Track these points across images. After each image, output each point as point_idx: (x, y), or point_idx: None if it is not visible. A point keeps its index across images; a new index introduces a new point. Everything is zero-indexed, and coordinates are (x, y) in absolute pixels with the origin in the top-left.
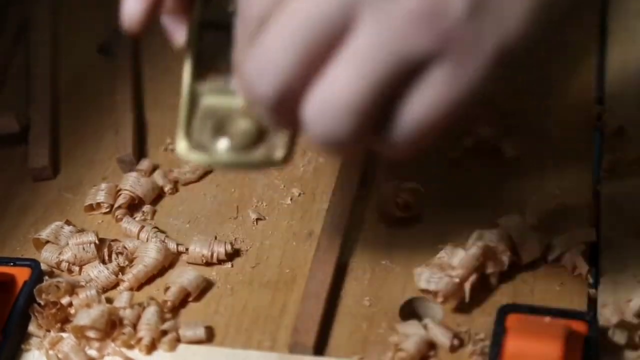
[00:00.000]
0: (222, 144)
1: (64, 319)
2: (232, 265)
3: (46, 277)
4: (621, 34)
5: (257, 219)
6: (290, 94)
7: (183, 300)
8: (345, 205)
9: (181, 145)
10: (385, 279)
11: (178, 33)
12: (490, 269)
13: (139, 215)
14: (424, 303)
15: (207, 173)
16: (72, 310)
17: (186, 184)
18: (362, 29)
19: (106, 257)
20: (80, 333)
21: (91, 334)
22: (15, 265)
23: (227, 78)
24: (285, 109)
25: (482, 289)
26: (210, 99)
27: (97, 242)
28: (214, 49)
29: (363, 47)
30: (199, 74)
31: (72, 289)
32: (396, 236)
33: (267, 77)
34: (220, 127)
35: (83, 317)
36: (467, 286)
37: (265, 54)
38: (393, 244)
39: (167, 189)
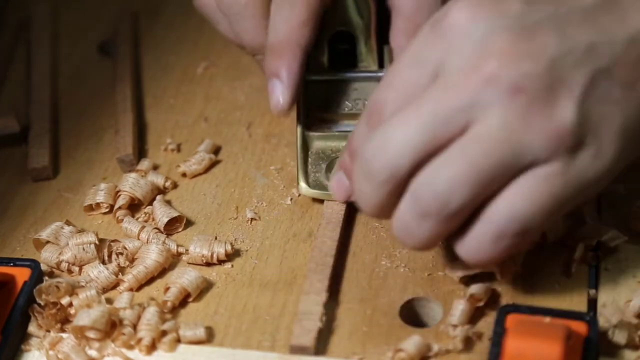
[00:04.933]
0: None
1: (64, 320)
2: (232, 266)
3: (46, 278)
4: None
5: (252, 219)
6: (401, 177)
7: (183, 301)
8: (342, 205)
9: (302, 186)
10: (385, 279)
11: (283, 98)
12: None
13: (140, 216)
14: (424, 303)
15: (213, 164)
16: (72, 311)
17: (194, 176)
18: (476, 127)
19: (106, 258)
20: (80, 333)
21: (91, 334)
22: (15, 265)
23: (331, 125)
24: (390, 189)
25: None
26: (319, 144)
27: (97, 242)
28: (317, 102)
29: (475, 141)
30: (307, 124)
31: (72, 290)
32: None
33: (384, 159)
34: (332, 166)
35: (83, 318)
36: (515, 258)
37: (387, 140)
38: (393, 244)
39: (167, 184)
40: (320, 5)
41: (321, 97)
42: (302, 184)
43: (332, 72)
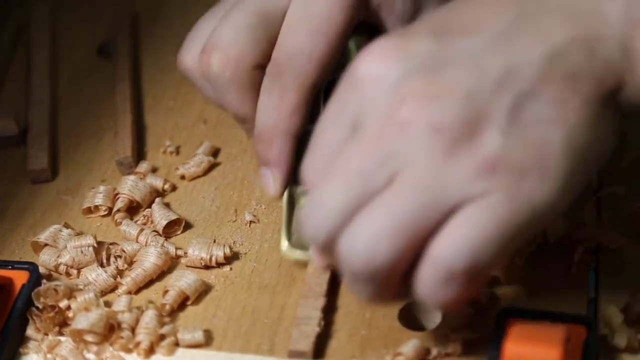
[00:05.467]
0: None
1: (62, 323)
2: (231, 269)
3: (44, 281)
4: None
5: (251, 222)
6: (334, 237)
7: (181, 304)
8: None
9: (284, 245)
10: None
11: (274, 187)
12: (524, 248)
13: (139, 219)
14: (423, 307)
15: (212, 167)
16: (70, 314)
17: (192, 178)
18: (398, 177)
19: (104, 260)
20: (78, 337)
21: (89, 337)
22: (13, 268)
23: None
24: (328, 247)
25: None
26: (305, 201)
27: (95, 245)
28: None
29: (401, 187)
30: (295, 179)
31: (71, 292)
32: None
33: (314, 225)
34: None
35: (81, 321)
36: (517, 259)
37: (315, 205)
38: None
39: (166, 186)
40: (314, 87)
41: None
42: (284, 243)
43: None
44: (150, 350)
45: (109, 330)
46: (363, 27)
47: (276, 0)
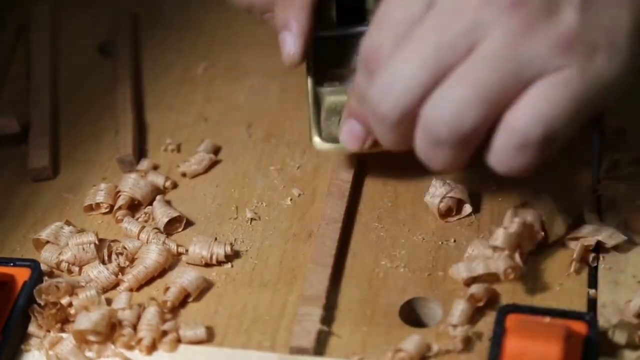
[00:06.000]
0: None
1: (63, 320)
2: (232, 266)
3: (46, 278)
4: None
5: (252, 219)
6: (412, 109)
7: (183, 301)
8: (342, 205)
9: (315, 140)
10: (385, 279)
11: (294, 47)
12: (524, 247)
13: (140, 216)
14: (424, 303)
15: (213, 165)
16: (72, 311)
17: (193, 176)
18: (479, 47)
19: (106, 258)
20: (81, 337)
21: (92, 337)
22: (15, 265)
23: (342, 80)
24: (405, 125)
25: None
26: (331, 99)
27: (96, 242)
28: (327, 58)
29: (483, 58)
30: (318, 80)
31: (72, 290)
32: (396, 238)
33: (392, 100)
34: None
35: (84, 321)
36: (518, 258)
37: (393, 80)
38: (393, 244)
39: (167, 184)
40: None
41: (331, 53)
42: (316, 138)
43: (341, 27)
44: (152, 347)
45: (111, 328)
46: None
47: None
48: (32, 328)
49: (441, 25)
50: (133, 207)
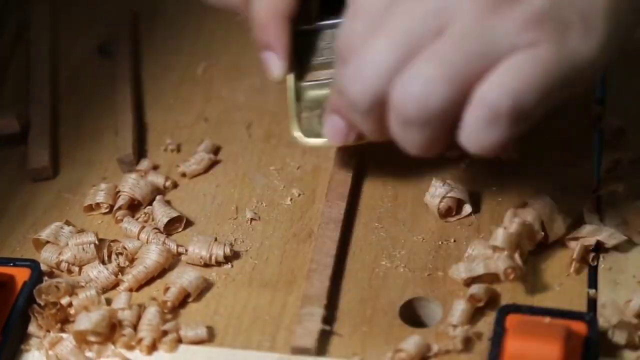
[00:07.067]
0: None
1: (63, 320)
2: (232, 266)
3: (46, 278)
4: None
5: (252, 219)
6: (382, 94)
7: (183, 301)
8: (342, 205)
9: (297, 134)
10: (385, 279)
11: (278, 69)
12: (524, 247)
13: (140, 216)
14: (424, 303)
15: (213, 165)
16: (71, 311)
17: (193, 176)
18: (448, 29)
19: (106, 258)
20: (81, 338)
21: (92, 338)
22: (15, 265)
23: (323, 73)
24: (379, 111)
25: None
26: (312, 93)
27: (96, 242)
28: (308, 51)
29: (451, 37)
30: (298, 74)
31: (72, 290)
32: (396, 238)
33: (361, 86)
34: (324, 113)
35: (84, 322)
36: (518, 258)
37: (362, 67)
38: (393, 244)
39: (167, 184)
40: None
41: (312, 46)
42: (297, 133)
43: (321, 19)
44: (153, 347)
45: (111, 328)
46: None
47: None
48: (32, 328)
49: (410, 9)
50: (133, 207)
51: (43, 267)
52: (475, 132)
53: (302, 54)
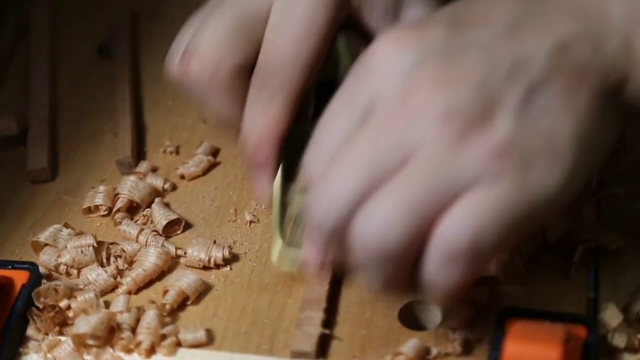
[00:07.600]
0: None
1: (62, 322)
2: (231, 268)
3: (44, 280)
4: None
5: (251, 222)
6: (342, 225)
7: (181, 304)
8: None
9: (277, 244)
10: None
11: (268, 191)
12: (524, 250)
13: (139, 219)
14: (423, 306)
15: (211, 167)
16: (70, 314)
17: (192, 178)
18: (411, 162)
19: (104, 260)
20: (80, 341)
21: (91, 341)
22: (13, 268)
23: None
24: (339, 235)
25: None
26: (300, 199)
27: (95, 245)
28: (295, 158)
29: (413, 171)
30: (287, 177)
31: (71, 292)
32: None
33: (323, 210)
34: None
35: (83, 325)
36: (517, 261)
37: (324, 192)
38: None
39: (166, 186)
40: (301, 91)
41: (305, 149)
42: (274, 251)
43: (316, 121)
44: (151, 350)
45: (110, 332)
46: (351, 25)
47: (257, 2)
48: (30, 331)
49: (373, 140)
50: (132, 209)
51: (42, 270)
52: (434, 270)
53: (293, 156)
